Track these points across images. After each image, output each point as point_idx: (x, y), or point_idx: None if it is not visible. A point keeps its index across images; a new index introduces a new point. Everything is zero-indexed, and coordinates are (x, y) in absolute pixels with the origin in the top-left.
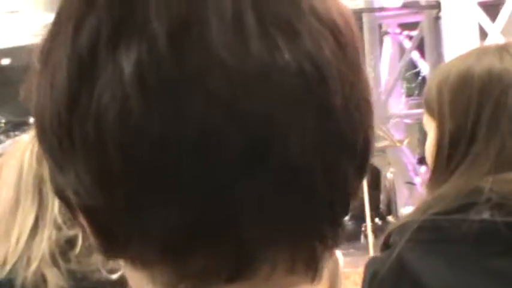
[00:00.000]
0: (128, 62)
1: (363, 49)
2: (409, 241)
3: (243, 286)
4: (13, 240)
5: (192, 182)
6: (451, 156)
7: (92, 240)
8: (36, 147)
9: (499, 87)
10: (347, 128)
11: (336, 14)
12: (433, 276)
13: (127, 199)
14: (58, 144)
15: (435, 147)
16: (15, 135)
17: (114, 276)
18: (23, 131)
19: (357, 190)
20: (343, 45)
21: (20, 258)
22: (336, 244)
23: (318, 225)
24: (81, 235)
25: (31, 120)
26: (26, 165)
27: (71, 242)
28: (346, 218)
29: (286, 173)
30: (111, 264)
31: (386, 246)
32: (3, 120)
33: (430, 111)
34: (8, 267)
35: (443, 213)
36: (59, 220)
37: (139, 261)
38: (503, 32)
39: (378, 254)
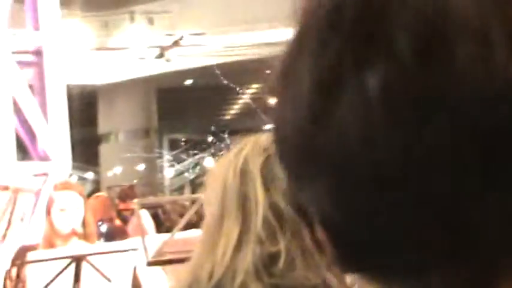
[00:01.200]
0: (373, 81)
1: None
2: None
3: None
4: (219, 254)
5: (437, 197)
6: None
7: (329, 253)
8: (239, 165)
9: None
10: None
11: None
12: None
13: (367, 218)
14: (300, 159)
15: None
16: (195, 154)
17: None
18: (202, 149)
19: None
20: None
21: (225, 272)
22: None
23: None
24: (299, 250)
25: (209, 139)
26: (229, 182)
27: (273, 257)
28: None
29: None
30: (315, 281)
31: None
32: (183, 139)
33: None
34: (214, 281)
35: None
36: (262, 236)
37: (376, 277)
38: None
39: None
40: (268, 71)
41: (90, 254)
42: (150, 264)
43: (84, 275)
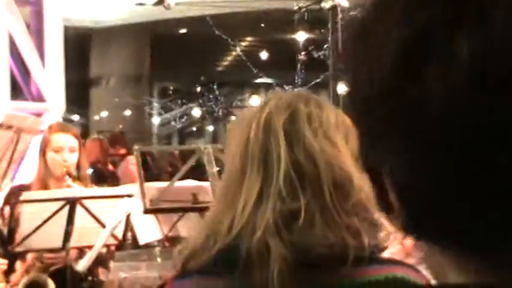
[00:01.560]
0: (464, 49)
1: None
2: None
3: None
4: (239, 208)
5: None
6: None
7: (400, 216)
8: (262, 119)
9: None
10: None
11: None
12: None
13: (441, 185)
14: (377, 120)
15: None
16: (183, 104)
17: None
18: (191, 100)
19: None
20: None
21: (245, 225)
22: None
23: None
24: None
25: (198, 89)
26: (252, 136)
27: (294, 214)
28: None
29: None
30: (333, 240)
31: None
32: (171, 88)
33: None
34: (233, 234)
35: None
36: (283, 192)
37: (442, 245)
38: None
39: None
40: (262, 25)
41: (85, 198)
42: (147, 211)
43: (78, 218)
